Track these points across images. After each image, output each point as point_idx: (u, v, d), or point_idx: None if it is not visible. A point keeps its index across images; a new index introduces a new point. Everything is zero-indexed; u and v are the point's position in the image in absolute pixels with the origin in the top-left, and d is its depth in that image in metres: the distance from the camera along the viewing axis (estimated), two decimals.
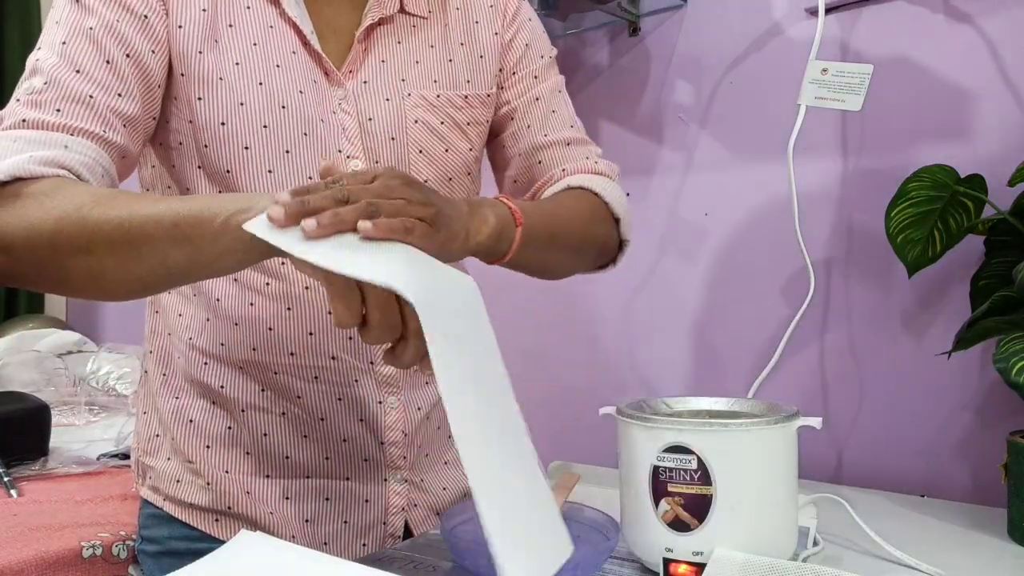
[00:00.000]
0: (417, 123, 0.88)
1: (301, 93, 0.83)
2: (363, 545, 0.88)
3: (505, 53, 0.96)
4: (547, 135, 0.96)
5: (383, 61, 0.88)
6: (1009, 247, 0.96)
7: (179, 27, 0.80)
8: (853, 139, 1.19)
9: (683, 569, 0.68)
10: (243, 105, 0.81)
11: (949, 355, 1.00)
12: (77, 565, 0.99)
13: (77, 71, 0.75)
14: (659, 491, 0.70)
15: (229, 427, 0.87)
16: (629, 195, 1.04)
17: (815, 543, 0.81)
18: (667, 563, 0.69)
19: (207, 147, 0.81)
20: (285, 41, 0.84)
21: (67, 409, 1.71)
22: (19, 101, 0.74)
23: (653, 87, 1.38)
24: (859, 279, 1.19)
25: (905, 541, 0.80)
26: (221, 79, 0.81)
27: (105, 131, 0.75)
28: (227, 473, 0.86)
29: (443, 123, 0.89)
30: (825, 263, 1.21)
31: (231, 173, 0.81)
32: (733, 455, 0.69)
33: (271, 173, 0.82)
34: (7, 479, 1.21)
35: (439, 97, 0.89)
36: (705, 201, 1.33)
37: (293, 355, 0.84)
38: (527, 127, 0.96)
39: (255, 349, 0.85)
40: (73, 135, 0.73)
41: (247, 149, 0.81)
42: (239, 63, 0.81)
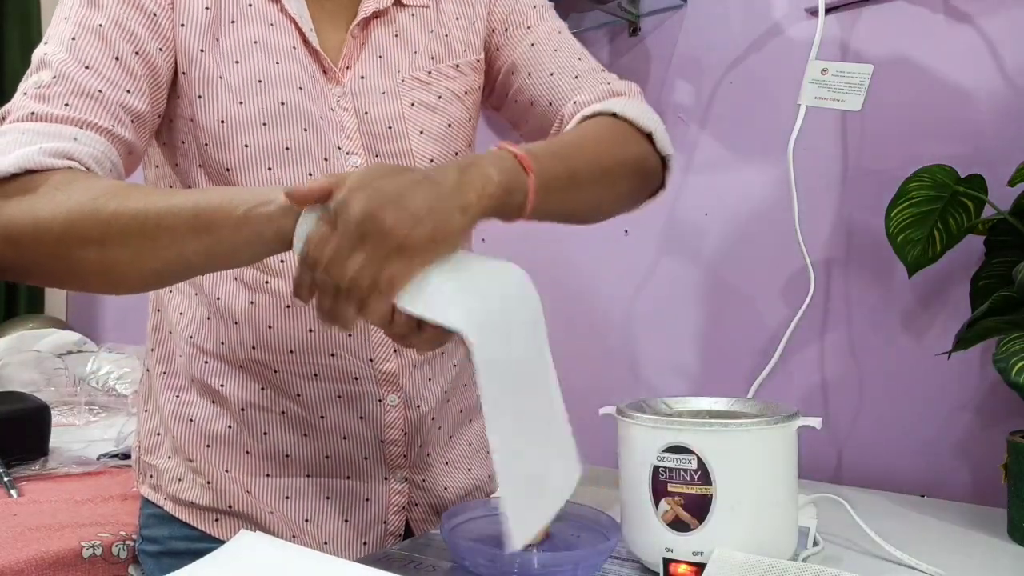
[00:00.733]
0: (413, 106, 0.87)
1: (300, 89, 0.83)
2: (363, 544, 0.88)
3: (492, 11, 0.93)
4: (552, 74, 0.90)
5: (380, 57, 0.88)
6: (1009, 247, 0.96)
7: (182, 25, 0.80)
8: (853, 139, 1.19)
9: (683, 569, 0.68)
10: (242, 103, 0.81)
11: (949, 355, 1.00)
12: (77, 565, 0.98)
13: (86, 67, 0.74)
14: (659, 491, 0.70)
15: (229, 426, 0.87)
16: None
17: (815, 543, 0.81)
18: (667, 563, 0.69)
19: (207, 145, 0.81)
20: (285, 37, 0.84)
21: (67, 409, 1.71)
22: (26, 95, 0.73)
23: (653, 87, 1.38)
24: (859, 279, 1.19)
25: (905, 541, 0.80)
26: (221, 78, 0.81)
27: (114, 126, 0.74)
28: (227, 472, 0.86)
29: (440, 97, 0.89)
30: (825, 263, 1.21)
31: (231, 171, 0.81)
32: (733, 455, 0.69)
33: (271, 171, 0.82)
34: (7, 479, 1.21)
35: (431, 73, 0.89)
36: (705, 201, 1.33)
37: (292, 353, 0.84)
38: (529, 75, 0.91)
39: (255, 347, 0.85)
40: (82, 128, 0.72)
41: (247, 147, 0.81)
42: (239, 61, 0.81)
